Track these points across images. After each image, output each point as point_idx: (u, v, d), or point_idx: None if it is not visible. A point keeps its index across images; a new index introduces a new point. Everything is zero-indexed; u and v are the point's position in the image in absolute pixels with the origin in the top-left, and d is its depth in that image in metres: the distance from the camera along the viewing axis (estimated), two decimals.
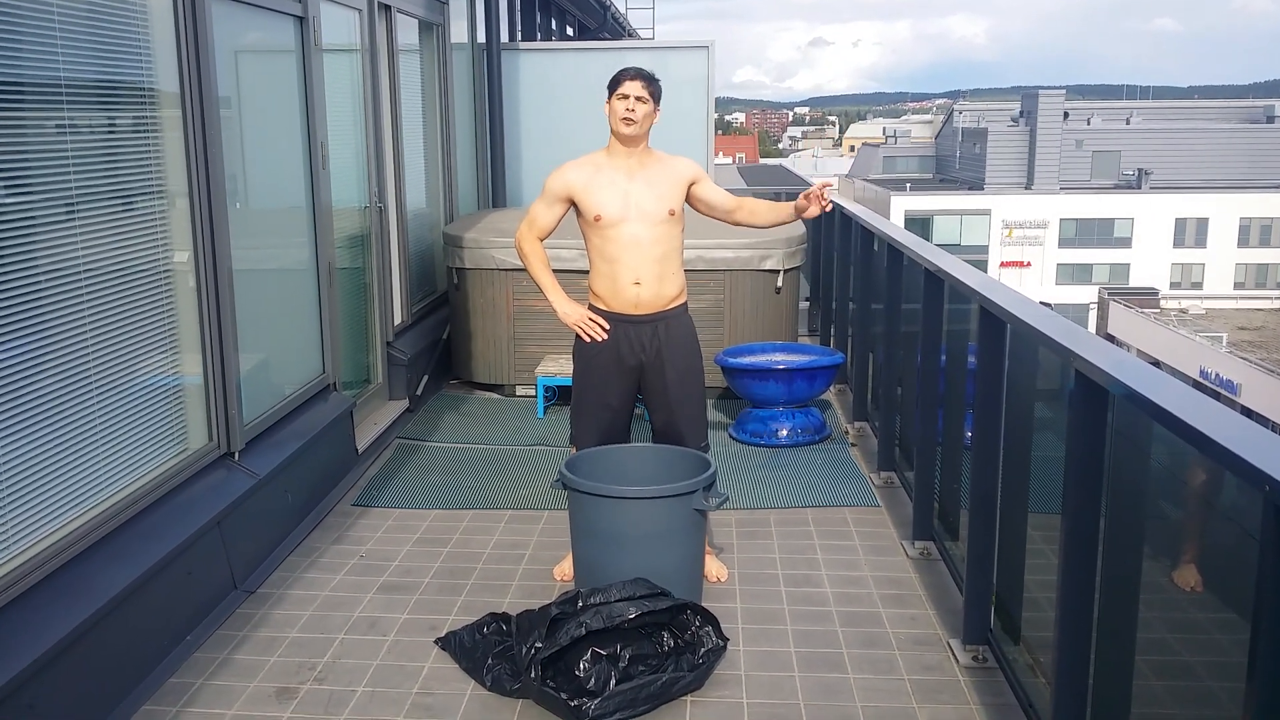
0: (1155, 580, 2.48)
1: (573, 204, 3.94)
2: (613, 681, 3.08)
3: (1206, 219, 42.58)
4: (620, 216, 3.86)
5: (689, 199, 3.98)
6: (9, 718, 2.70)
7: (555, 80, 8.85)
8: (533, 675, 3.10)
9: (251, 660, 3.47)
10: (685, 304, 4.04)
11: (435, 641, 3.55)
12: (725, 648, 3.36)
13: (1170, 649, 2.52)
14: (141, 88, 3.67)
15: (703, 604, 3.47)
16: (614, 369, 4.00)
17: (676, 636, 3.30)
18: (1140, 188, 44.35)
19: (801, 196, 3.86)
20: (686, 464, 3.84)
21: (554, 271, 4.07)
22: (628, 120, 3.81)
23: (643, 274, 3.90)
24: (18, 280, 3.00)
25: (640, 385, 4.04)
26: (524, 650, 3.16)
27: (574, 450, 4.09)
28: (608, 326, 3.97)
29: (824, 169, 61.02)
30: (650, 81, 3.86)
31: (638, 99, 3.81)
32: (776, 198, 9.49)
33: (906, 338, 4.91)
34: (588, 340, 4.00)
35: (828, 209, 3.90)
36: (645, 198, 3.86)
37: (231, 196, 4.15)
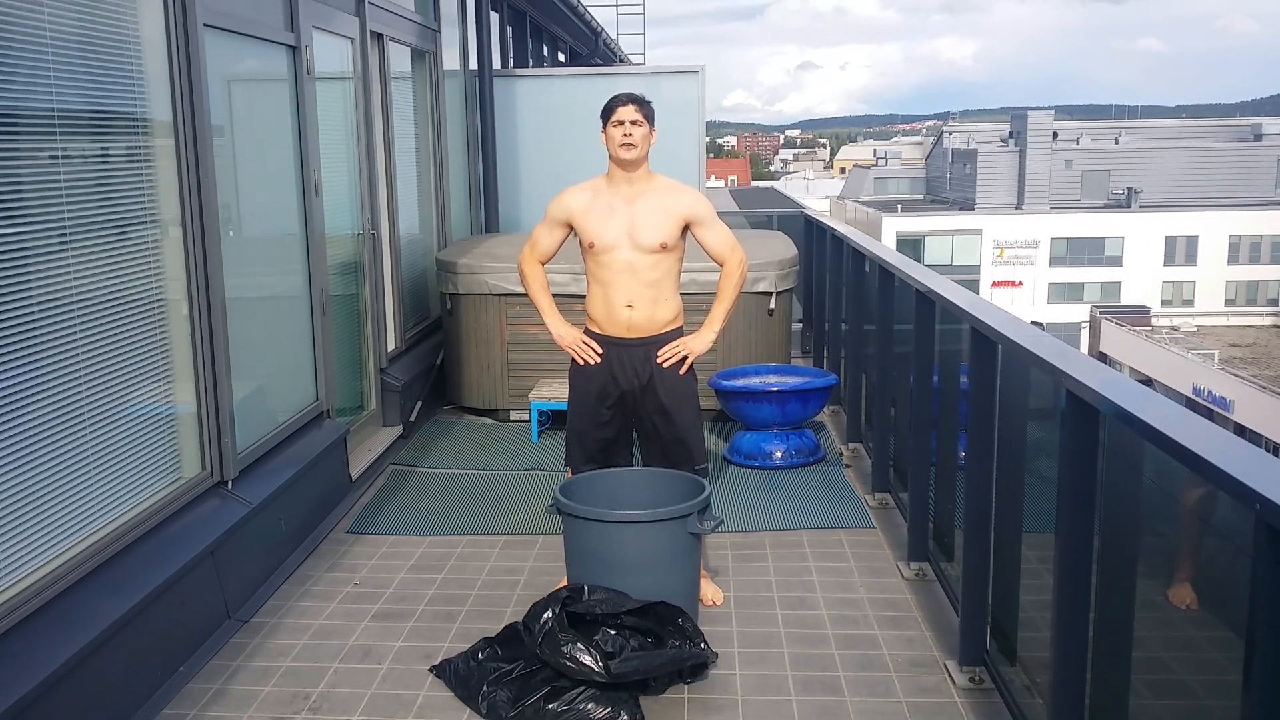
0: (1150, 599, 2.48)
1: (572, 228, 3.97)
2: (627, 648, 3.24)
3: (1196, 237, 42.80)
4: (614, 243, 3.88)
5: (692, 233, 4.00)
6: None
7: (547, 106, 8.89)
8: (558, 639, 3.21)
9: (246, 690, 3.45)
10: (681, 328, 4.05)
11: (430, 669, 3.54)
12: (713, 657, 3.46)
13: (1167, 667, 2.52)
14: (135, 117, 3.69)
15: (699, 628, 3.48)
16: (608, 392, 4.01)
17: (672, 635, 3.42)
18: (1130, 206, 44.59)
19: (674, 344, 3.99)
20: (681, 487, 3.84)
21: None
22: (627, 145, 3.83)
23: (635, 298, 3.92)
24: (11, 309, 3.00)
25: (635, 408, 4.05)
26: (539, 625, 3.25)
27: (569, 474, 4.09)
28: (601, 350, 3.99)
29: (815, 191, 61.26)
30: (642, 104, 3.89)
31: (633, 123, 3.84)
32: (769, 221, 9.55)
33: (899, 359, 4.92)
34: (581, 363, 4.02)
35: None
36: (640, 227, 3.87)
37: (225, 225, 4.16)
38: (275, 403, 4.74)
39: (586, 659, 3.15)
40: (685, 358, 3.99)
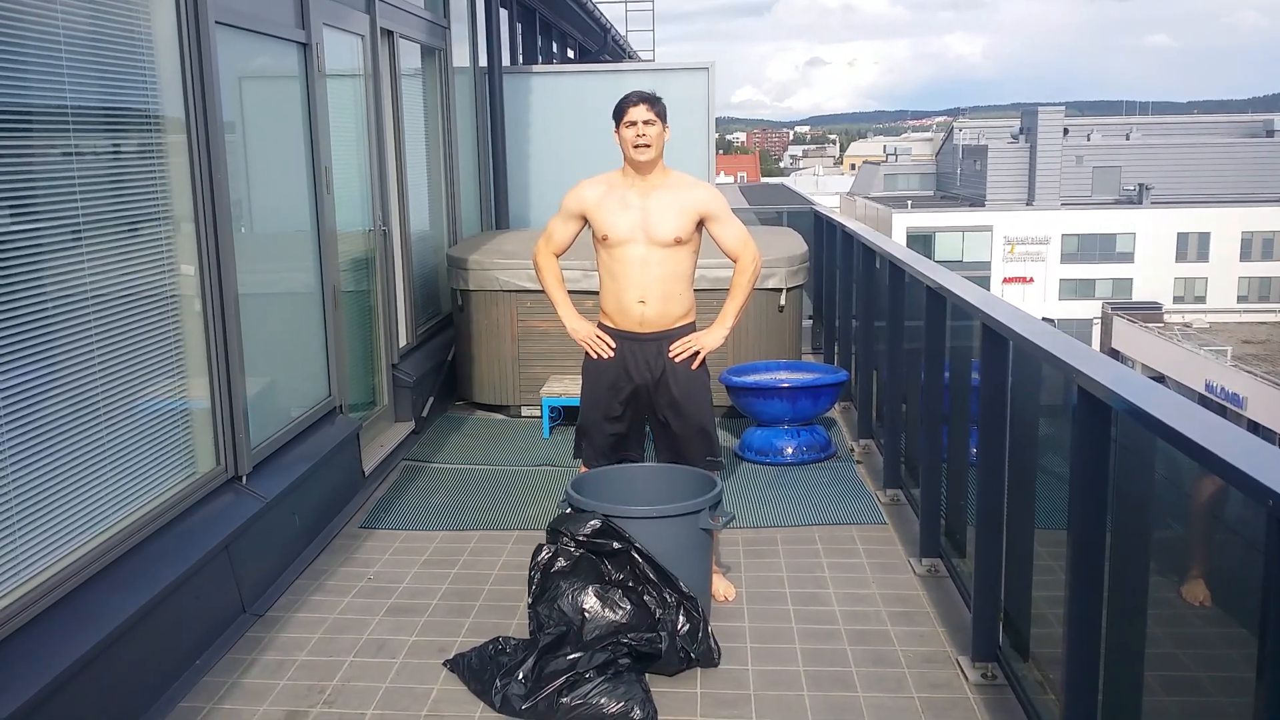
0: (1163, 595, 2.48)
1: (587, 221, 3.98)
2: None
3: (1208, 233, 42.59)
4: (627, 237, 3.89)
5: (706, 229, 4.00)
6: None
7: (557, 102, 8.91)
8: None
9: (261, 684, 3.47)
10: (693, 323, 4.06)
11: (444, 663, 3.55)
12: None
13: (1180, 664, 2.52)
14: (147, 114, 3.71)
15: (710, 622, 3.48)
16: (620, 385, 4.01)
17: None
18: (1141, 203, 44.40)
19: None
20: (693, 483, 3.85)
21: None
22: (642, 146, 3.83)
23: (648, 293, 3.92)
24: (26, 306, 3.02)
25: (648, 403, 4.06)
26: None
27: (582, 469, 4.10)
28: (614, 344, 4.00)
29: (825, 187, 61.14)
30: (653, 103, 3.87)
31: (645, 123, 3.83)
32: (779, 218, 9.54)
33: (910, 355, 4.92)
34: (595, 357, 4.03)
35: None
36: (654, 221, 3.88)
37: (237, 221, 4.18)
38: (288, 398, 4.76)
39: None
40: (697, 353, 4.00)
